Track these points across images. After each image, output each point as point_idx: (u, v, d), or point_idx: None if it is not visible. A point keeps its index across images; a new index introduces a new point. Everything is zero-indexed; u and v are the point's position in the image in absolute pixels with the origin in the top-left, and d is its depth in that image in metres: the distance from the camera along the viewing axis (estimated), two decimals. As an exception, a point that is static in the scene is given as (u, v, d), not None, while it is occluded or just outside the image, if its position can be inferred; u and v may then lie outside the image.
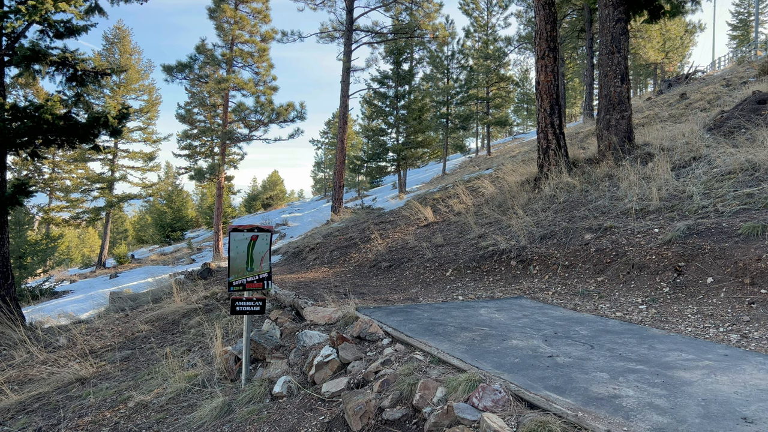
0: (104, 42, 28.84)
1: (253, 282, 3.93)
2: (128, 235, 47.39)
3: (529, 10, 27.37)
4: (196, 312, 6.81)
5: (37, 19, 8.58)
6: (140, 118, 28.59)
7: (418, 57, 26.79)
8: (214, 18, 20.86)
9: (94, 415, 4.00)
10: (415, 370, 2.96)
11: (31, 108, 8.50)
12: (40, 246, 24.32)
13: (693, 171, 6.94)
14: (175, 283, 9.05)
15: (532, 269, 6.23)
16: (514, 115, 51.77)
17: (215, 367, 4.33)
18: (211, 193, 36.39)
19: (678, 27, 33.07)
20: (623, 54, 8.70)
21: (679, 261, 4.83)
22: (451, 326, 4.10)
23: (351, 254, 9.78)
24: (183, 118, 22.18)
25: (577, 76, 41.70)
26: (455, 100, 28.95)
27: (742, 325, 3.77)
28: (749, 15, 48.30)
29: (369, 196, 28.27)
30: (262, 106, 20.93)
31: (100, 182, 27.13)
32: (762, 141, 7.07)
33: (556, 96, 9.10)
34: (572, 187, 8.18)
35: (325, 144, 49.82)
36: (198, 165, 23.27)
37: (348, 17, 19.91)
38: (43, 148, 10.15)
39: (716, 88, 15.04)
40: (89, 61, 9.59)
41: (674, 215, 5.80)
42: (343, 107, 19.69)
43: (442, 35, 21.20)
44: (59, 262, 33.43)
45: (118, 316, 8.24)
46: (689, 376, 2.80)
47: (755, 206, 5.27)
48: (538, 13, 9.10)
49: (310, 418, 2.97)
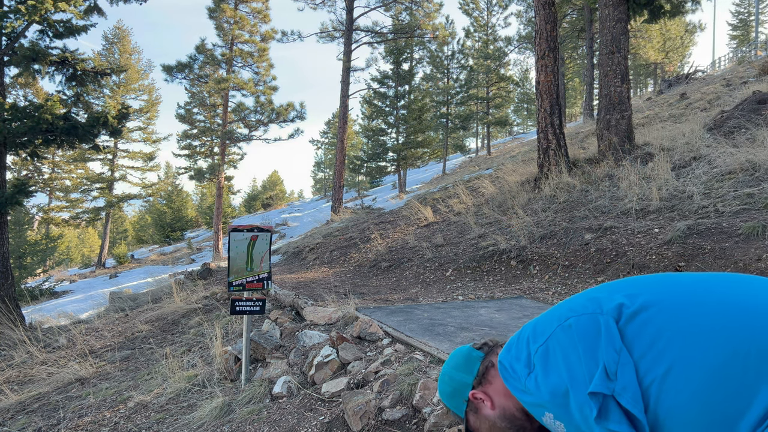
0: (104, 42, 28.84)
1: (253, 282, 3.92)
2: (128, 235, 47.39)
3: (529, 10, 27.36)
4: (196, 312, 6.80)
5: (37, 19, 8.57)
6: (140, 118, 28.58)
7: (418, 57, 26.78)
8: (214, 18, 20.85)
9: (93, 415, 3.99)
10: (415, 370, 2.96)
11: (30, 108, 8.50)
12: (40, 246, 24.33)
13: (693, 171, 6.94)
14: (175, 283, 9.04)
15: (532, 269, 6.23)
16: (514, 115, 51.78)
17: (215, 367, 4.33)
18: (211, 193, 36.42)
19: (678, 27, 33.06)
20: (623, 54, 8.70)
21: (679, 261, 4.83)
22: (452, 326, 4.10)
23: (351, 254, 9.78)
24: (183, 118, 22.16)
25: (577, 76, 41.70)
26: (455, 100, 28.94)
27: (742, 325, 3.77)
28: (749, 15, 48.30)
29: (369, 196, 28.27)
30: (261, 106, 20.92)
31: (99, 182, 27.11)
32: (762, 141, 7.07)
33: (557, 96, 9.09)
34: (572, 187, 8.17)
35: (325, 144, 49.82)
36: (198, 165, 23.28)
37: (348, 17, 19.91)
38: (42, 148, 10.14)
39: (716, 88, 15.04)
40: (89, 60, 9.59)
41: (674, 215, 5.80)
42: (343, 107, 19.68)
43: (442, 35, 21.20)
44: (59, 262, 33.45)
45: (117, 316, 8.24)
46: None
47: (755, 206, 5.27)
48: (538, 13, 9.09)
49: (310, 418, 2.96)
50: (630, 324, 0.87)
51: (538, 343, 0.97)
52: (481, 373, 1.13)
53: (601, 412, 0.82)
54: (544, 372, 0.93)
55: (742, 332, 0.75)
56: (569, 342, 0.92)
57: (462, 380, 1.14)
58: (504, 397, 1.09)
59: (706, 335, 0.78)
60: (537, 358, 0.96)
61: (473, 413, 1.13)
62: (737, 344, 0.75)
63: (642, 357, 0.83)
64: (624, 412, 0.81)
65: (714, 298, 0.84)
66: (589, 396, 0.84)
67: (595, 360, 0.86)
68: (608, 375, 0.83)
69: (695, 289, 0.88)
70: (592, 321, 0.91)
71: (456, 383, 1.15)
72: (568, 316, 0.96)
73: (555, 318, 0.99)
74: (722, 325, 0.78)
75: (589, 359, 0.87)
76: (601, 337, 0.87)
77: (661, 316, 0.85)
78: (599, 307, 0.94)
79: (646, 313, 0.87)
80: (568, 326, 0.94)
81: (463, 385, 1.14)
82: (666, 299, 0.87)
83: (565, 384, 0.89)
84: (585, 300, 0.99)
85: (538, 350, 0.96)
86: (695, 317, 0.81)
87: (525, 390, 0.97)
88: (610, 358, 0.84)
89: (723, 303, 0.82)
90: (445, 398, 1.20)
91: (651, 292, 0.92)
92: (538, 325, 1.02)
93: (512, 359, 1.03)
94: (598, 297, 0.98)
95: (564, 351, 0.92)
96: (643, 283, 0.97)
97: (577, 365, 0.89)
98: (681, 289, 0.90)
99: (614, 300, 0.93)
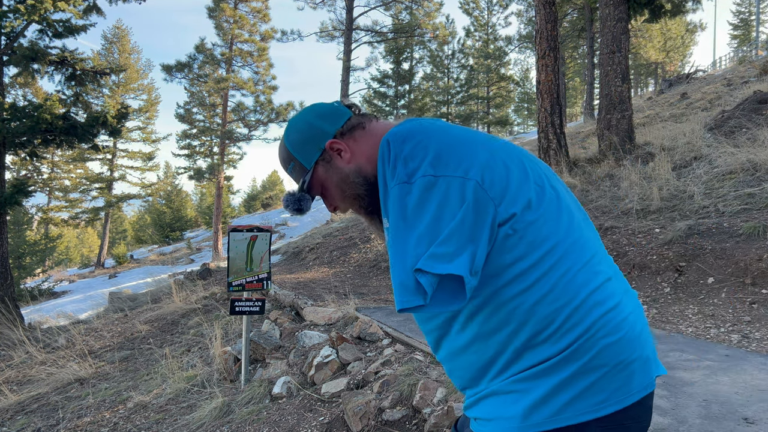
0: (103, 41, 28.82)
1: (253, 282, 3.91)
2: (127, 235, 47.37)
3: (530, 10, 27.35)
4: (196, 312, 6.79)
5: (36, 19, 8.55)
6: (139, 117, 28.57)
7: (418, 56, 26.77)
8: (214, 17, 20.83)
9: (93, 415, 3.98)
10: (415, 371, 2.95)
11: (30, 107, 8.48)
12: (39, 246, 24.33)
13: (694, 171, 6.93)
14: (174, 284, 9.03)
15: (532, 269, 6.21)
16: (515, 115, 51.73)
17: (214, 368, 4.32)
18: (211, 193, 36.38)
19: (679, 26, 33.07)
20: (624, 53, 8.68)
21: (680, 261, 4.81)
22: (452, 326, 4.09)
23: (351, 254, 9.77)
24: (182, 117, 22.15)
25: (577, 76, 41.70)
26: (455, 99, 28.94)
27: (743, 326, 3.76)
28: (750, 14, 48.30)
29: (369, 195, 28.23)
30: (261, 105, 20.91)
31: (99, 182, 27.10)
32: (763, 141, 7.06)
33: (557, 95, 9.08)
34: (573, 187, 8.16)
35: (325, 144, 49.73)
36: (197, 165, 23.25)
37: (348, 16, 19.90)
38: (41, 148, 10.13)
39: (717, 88, 15.03)
40: (88, 60, 9.57)
41: (675, 215, 5.78)
42: (343, 107, 19.67)
43: (443, 34, 21.19)
44: (58, 262, 33.44)
45: (117, 317, 8.23)
46: (690, 377, 2.78)
47: (756, 206, 5.25)
48: (539, 13, 9.08)
49: (310, 418, 2.95)
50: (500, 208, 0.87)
51: (434, 171, 0.85)
52: (347, 128, 1.04)
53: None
54: (411, 196, 0.85)
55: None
56: (457, 202, 0.83)
57: (322, 128, 1.04)
58: (365, 160, 1.02)
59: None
60: (418, 183, 0.85)
61: (325, 163, 1.04)
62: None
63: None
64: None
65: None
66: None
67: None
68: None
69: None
70: (479, 194, 0.85)
71: (315, 130, 1.04)
72: (473, 177, 0.86)
73: (465, 157, 0.88)
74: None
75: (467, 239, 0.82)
76: (478, 220, 0.84)
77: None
78: (501, 194, 0.88)
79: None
80: (472, 187, 0.85)
81: (322, 133, 1.03)
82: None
83: (425, 227, 0.82)
84: (487, 155, 0.91)
85: (426, 175, 0.85)
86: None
87: (390, 187, 0.89)
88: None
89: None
90: (294, 145, 1.05)
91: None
92: (450, 148, 0.89)
93: (401, 154, 0.89)
94: (505, 177, 0.90)
95: (448, 203, 0.83)
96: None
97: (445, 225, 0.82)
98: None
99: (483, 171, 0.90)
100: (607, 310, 0.87)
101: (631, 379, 0.87)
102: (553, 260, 0.87)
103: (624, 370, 0.86)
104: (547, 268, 0.86)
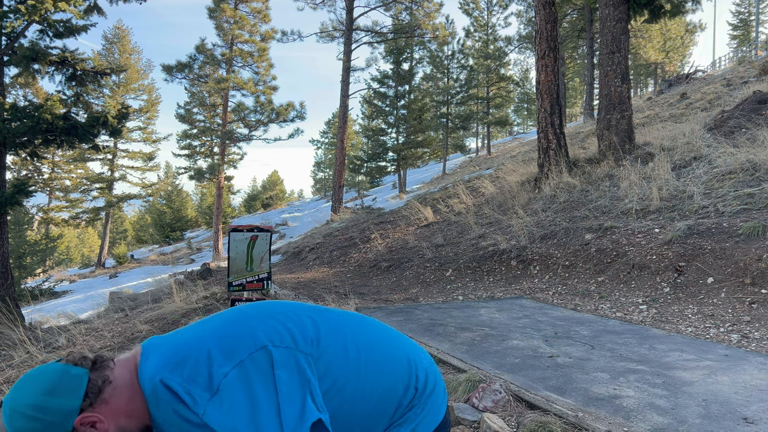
0: (104, 41, 28.82)
1: (253, 282, 3.92)
2: (128, 235, 47.37)
3: (530, 10, 27.34)
4: (196, 312, 6.79)
5: (37, 19, 8.56)
6: (140, 117, 28.56)
7: (418, 57, 26.74)
8: (214, 17, 20.84)
9: (93, 415, 3.98)
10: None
11: (30, 107, 8.49)
12: (40, 246, 24.35)
13: (693, 171, 6.93)
14: (175, 284, 9.03)
15: (532, 269, 6.22)
16: (515, 115, 51.75)
17: (215, 368, 4.32)
18: (211, 193, 36.37)
19: (678, 27, 33.05)
20: (624, 54, 8.69)
21: (679, 261, 4.82)
22: (452, 326, 4.10)
23: (351, 254, 9.77)
24: (182, 117, 22.16)
25: (577, 76, 41.70)
26: (455, 99, 28.92)
27: (742, 326, 3.76)
28: (750, 15, 48.29)
29: (369, 196, 28.26)
30: (261, 105, 20.91)
31: (99, 182, 27.10)
32: (762, 141, 7.06)
33: (557, 96, 9.09)
34: (573, 187, 8.17)
35: (325, 144, 49.80)
36: (198, 165, 23.26)
37: (348, 17, 19.90)
38: (42, 148, 10.13)
39: (717, 88, 15.02)
40: (89, 60, 9.57)
41: (675, 215, 5.79)
42: (343, 107, 19.67)
43: (442, 35, 21.19)
44: (59, 262, 33.43)
45: (117, 317, 8.23)
46: (690, 377, 2.79)
47: (756, 206, 5.26)
48: (539, 13, 9.09)
49: (310, 418, 2.95)
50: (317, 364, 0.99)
51: (229, 365, 0.91)
52: (94, 392, 0.90)
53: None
54: (232, 399, 0.89)
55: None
56: (267, 372, 0.93)
57: (64, 407, 0.87)
58: (126, 418, 0.93)
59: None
60: (226, 382, 0.89)
61: None
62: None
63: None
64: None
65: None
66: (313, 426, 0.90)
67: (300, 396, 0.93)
68: (317, 407, 0.92)
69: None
70: (290, 355, 0.97)
71: (54, 414, 0.86)
72: (265, 343, 0.96)
73: (247, 340, 0.96)
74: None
75: (294, 396, 0.92)
76: (302, 375, 0.95)
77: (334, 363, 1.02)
78: (293, 341, 0.99)
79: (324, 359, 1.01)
80: (267, 355, 0.95)
81: (66, 414, 0.87)
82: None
83: (265, 412, 0.89)
84: (276, 324, 1.02)
85: (228, 374, 0.90)
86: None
87: (201, 414, 0.87)
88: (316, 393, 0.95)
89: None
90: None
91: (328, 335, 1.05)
92: (223, 344, 0.95)
93: (185, 380, 0.90)
94: (286, 328, 1.02)
95: (262, 380, 0.92)
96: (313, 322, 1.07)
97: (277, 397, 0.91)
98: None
99: (302, 335, 1.02)
100: None
101: None
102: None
103: None
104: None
